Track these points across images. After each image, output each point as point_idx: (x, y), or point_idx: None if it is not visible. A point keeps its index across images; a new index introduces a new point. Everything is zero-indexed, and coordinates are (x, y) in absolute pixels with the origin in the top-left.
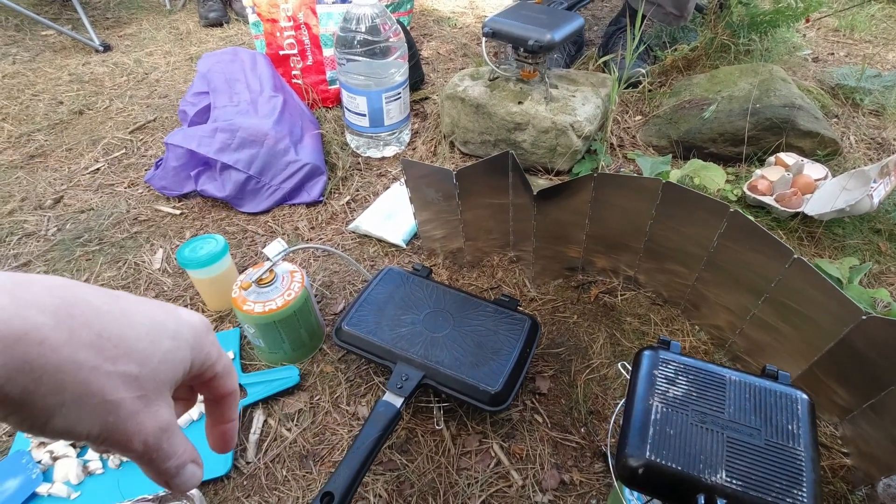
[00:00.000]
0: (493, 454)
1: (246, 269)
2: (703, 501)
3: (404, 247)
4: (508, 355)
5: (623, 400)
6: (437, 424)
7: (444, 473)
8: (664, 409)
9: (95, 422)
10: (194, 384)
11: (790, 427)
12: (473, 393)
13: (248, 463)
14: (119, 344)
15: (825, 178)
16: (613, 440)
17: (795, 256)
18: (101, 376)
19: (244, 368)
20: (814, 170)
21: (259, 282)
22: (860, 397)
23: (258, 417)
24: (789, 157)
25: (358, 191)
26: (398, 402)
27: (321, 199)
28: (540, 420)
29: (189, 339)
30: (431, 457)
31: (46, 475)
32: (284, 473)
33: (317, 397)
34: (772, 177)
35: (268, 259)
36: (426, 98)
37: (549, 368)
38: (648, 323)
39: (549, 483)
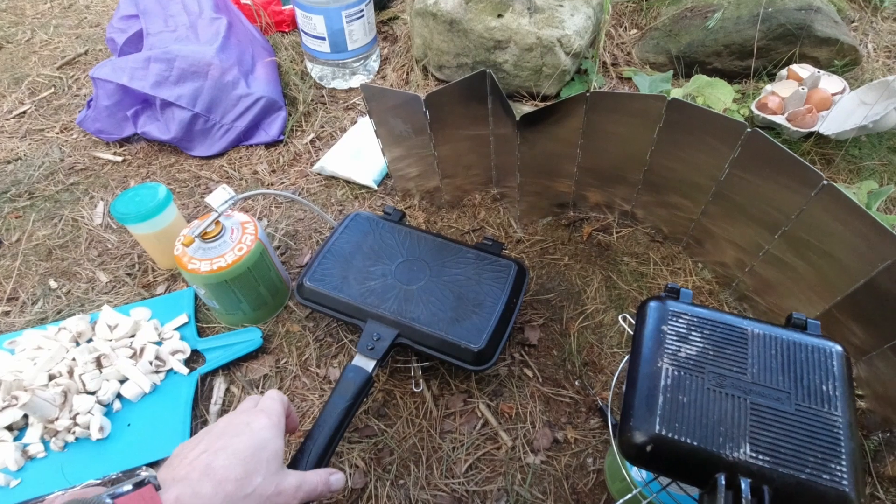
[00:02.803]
0: (479, 414)
1: (193, 221)
2: (723, 482)
3: (376, 188)
4: (493, 307)
5: (627, 357)
6: (416, 386)
7: (427, 437)
8: (675, 373)
9: None
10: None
11: (825, 388)
12: (454, 352)
13: None
14: (247, 478)
15: (843, 91)
16: (610, 393)
17: (825, 182)
18: (251, 498)
19: (201, 332)
20: (830, 83)
21: (203, 236)
22: (880, 338)
23: (219, 385)
24: (803, 70)
25: (322, 127)
26: (370, 365)
27: (281, 137)
28: (530, 374)
29: (276, 437)
30: (412, 420)
31: None
32: None
33: (283, 360)
34: (783, 93)
35: (213, 210)
36: (395, 18)
37: (538, 317)
38: (647, 262)
39: (540, 443)
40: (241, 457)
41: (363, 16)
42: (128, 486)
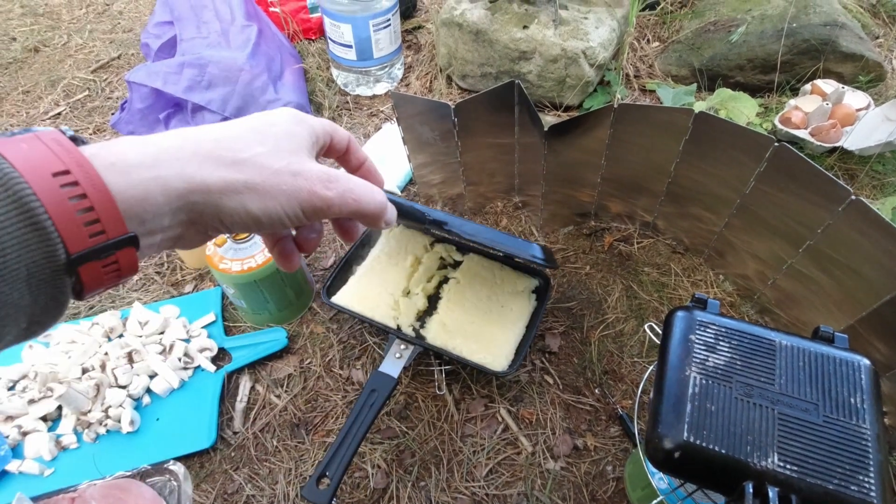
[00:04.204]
0: (499, 419)
1: None
2: (751, 490)
3: (399, 193)
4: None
5: (653, 365)
6: (439, 389)
7: (448, 440)
8: (703, 381)
9: (278, 199)
10: (334, 157)
11: (852, 400)
12: (515, 247)
13: (235, 433)
14: (236, 139)
15: (867, 107)
16: (631, 402)
17: (853, 197)
18: (246, 165)
19: (227, 331)
20: (855, 98)
21: (235, 237)
22: None
23: (244, 384)
24: (827, 85)
25: None
26: (396, 370)
27: None
28: (550, 381)
29: (294, 122)
30: (433, 423)
31: (16, 451)
32: (275, 443)
33: (307, 361)
34: (807, 107)
35: None
36: (420, 27)
37: (559, 324)
38: (668, 273)
39: (560, 449)
40: (233, 127)
41: (390, 25)
42: (22, 130)
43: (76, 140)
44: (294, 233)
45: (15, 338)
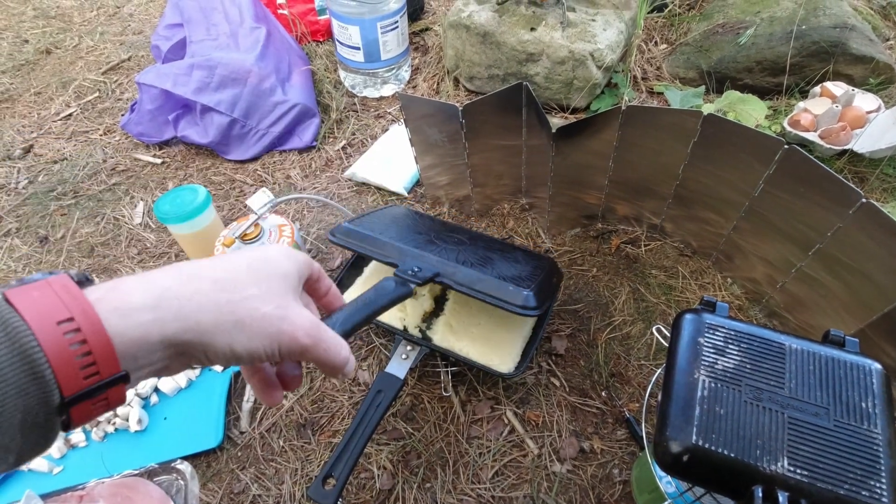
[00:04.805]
0: (506, 421)
1: (231, 223)
2: (760, 494)
3: (406, 195)
4: (535, 277)
5: (661, 369)
6: (445, 391)
7: (454, 442)
8: (712, 384)
9: (261, 339)
10: (308, 286)
11: (864, 405)
12: (502, 294)
13: (241, 433)
14: (233, 282)
15: (878, 110)
16: (637, 405)
17: (864, 201)
18: (239, 307)
19: None
20: (865, 101)
21: (243, 237)
22: None
23: None
24: (837, 87)
25: (354, 134)
26: (402, 371)
27: (314, 144)
28: (557, 383)
29: (285, 258)
30: (439, 425)
31: None
32: (281, 444)
33: None
34: (816, 110)
35: (252, 212)
36: (427, 29)
37: (566, 327)
38: (676, 276)
39: (567, 452)
40: (227, 263)
41: (398, 27)
42: (38, 275)
43: (85, 282)
44: (274, 369)
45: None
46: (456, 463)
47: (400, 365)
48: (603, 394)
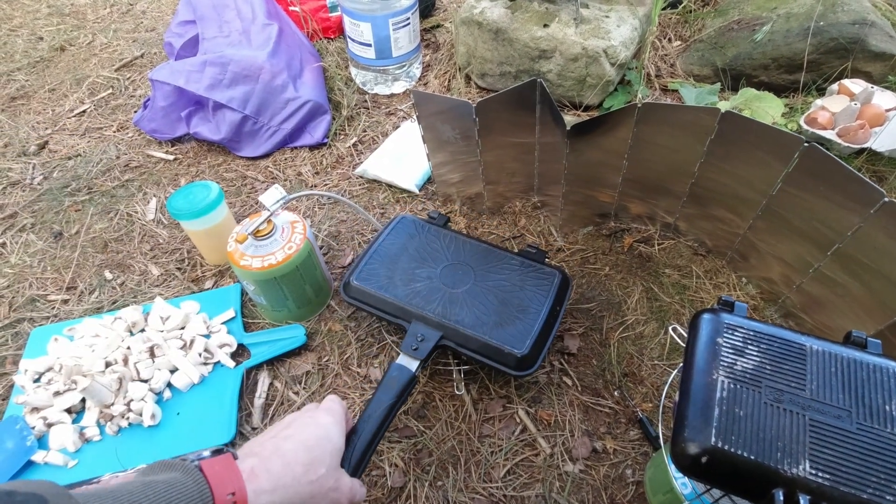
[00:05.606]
0: (518, 420)
1: (244, 220)
2: (781, 497)
3: (417, 192)
4: (537, 314)
5: (676, 370)
6: (458, 389)
7: (465, 441)
8: (731, 385)
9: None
10: None
11: (887, 408)
12: (498, 356)
13: (253, 429)
14: (313, 466)
15: None
16: (651, 405)
17: (886, 199)
18: (315, 486)
19: (247, 327)
20: (884, 98)
21: (256, 234)
22: None
23: (263, 380)
24: (855, 85)
25: (365, 131)
26: (413, 365)
27: (325, 140)
28: (569, 383)
29: (338, 434)
30: (451, 423)
31: (41, 442)
32: None
33: (325, 358)
34: (834, 108)
35: (265, 208)
36: (438, 26)
37: (578, 326)
38: (690, 275)
39: (579, 451)
40: (307, 445)
41: (409, 24)
42: (206, 453)
43: (234, 457)
44: None
45: None
46: (468, 461)
47: (410, 358)
48: (616, 393)
